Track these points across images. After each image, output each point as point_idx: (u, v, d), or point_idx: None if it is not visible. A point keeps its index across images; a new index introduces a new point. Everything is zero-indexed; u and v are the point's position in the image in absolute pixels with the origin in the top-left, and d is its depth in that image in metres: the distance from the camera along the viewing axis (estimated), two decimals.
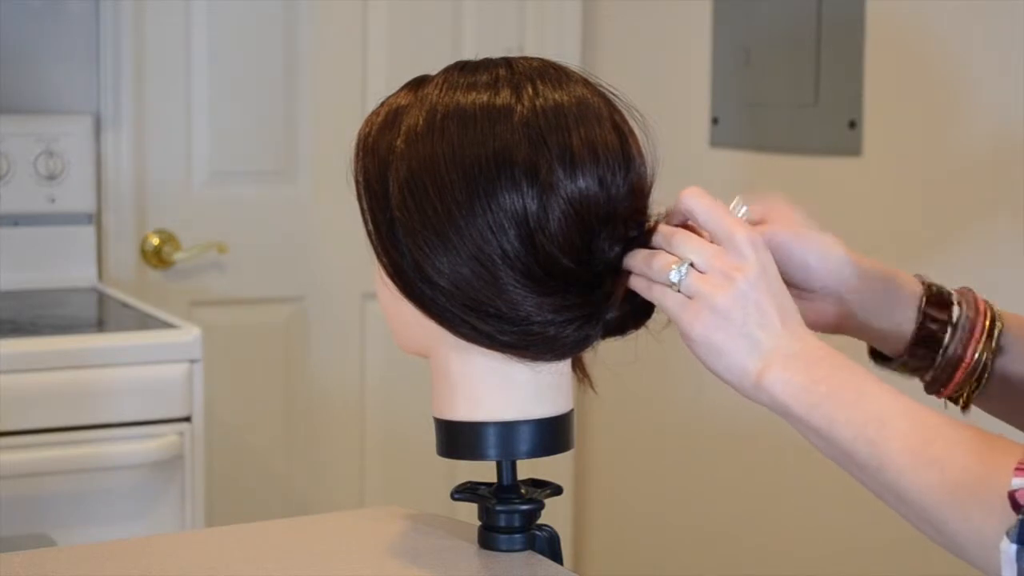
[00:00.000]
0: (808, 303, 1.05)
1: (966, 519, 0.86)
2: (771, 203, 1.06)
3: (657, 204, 1.01)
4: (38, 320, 2.20)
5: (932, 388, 1.10)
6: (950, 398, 1.10)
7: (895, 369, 1.11)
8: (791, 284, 1.01)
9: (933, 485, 0.87)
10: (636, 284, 0.98)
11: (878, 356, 1.12)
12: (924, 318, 1.08)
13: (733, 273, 0.93)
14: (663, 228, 0.97)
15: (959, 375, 1.08)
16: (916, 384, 1.11)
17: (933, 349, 1.08)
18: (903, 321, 1.08)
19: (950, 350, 1.07)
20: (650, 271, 0.96)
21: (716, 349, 0.94)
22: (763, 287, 0.94)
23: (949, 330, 1.07)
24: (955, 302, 1.08)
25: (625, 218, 0.98)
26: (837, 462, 0.94)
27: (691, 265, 0.94)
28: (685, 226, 0.99)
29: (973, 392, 1.09)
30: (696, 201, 0.96)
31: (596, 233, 0.96)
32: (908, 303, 1.08)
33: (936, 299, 1.08)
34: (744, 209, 1.02)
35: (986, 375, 1.08)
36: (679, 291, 0.94)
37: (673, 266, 0.94)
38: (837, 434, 0.91)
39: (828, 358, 0.94)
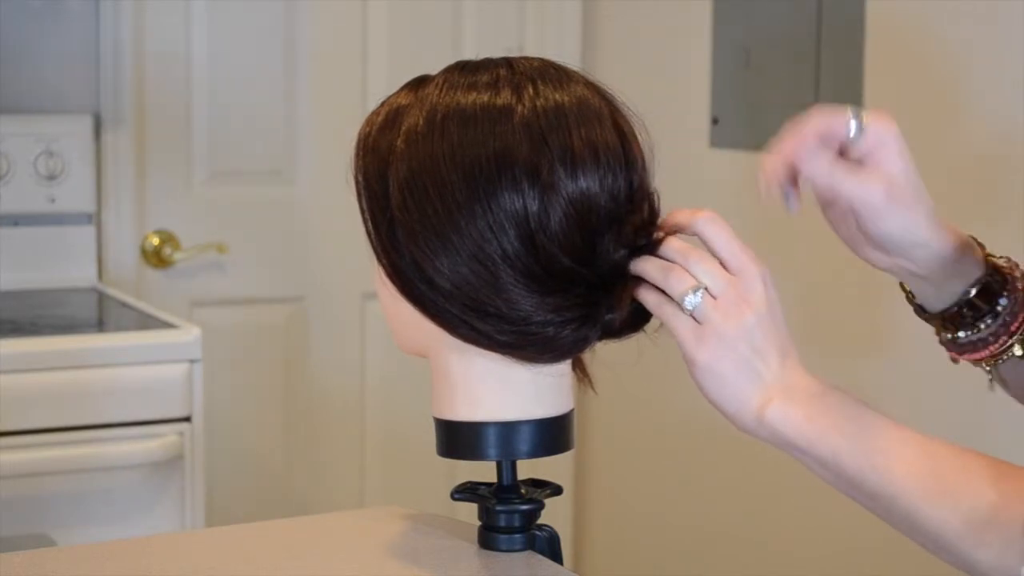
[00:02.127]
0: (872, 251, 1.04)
1: (985, 549, 0.86)
2: (879, 142, 1.02)
3: (660, 206, 1.01)
4: (38, 320, 2.20)
5: (967, 349, 1.08)
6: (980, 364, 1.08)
7: (931, 321, 1.09)
8: (871, 237, 1.01)
9: (947, 515, 0.88)
10: (646, 298, 0.97)
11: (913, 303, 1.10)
12: (981, 290, 1.06)
13: (743, 305, 0.94)
14: (678, 243, 0.97)
15: (997, 345, 1.06)
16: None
17: (978, 316, 1.06)
18: (954, 286, 1.06)
19: (999, 320, 1.06)
20: (665, 287, 0.96)
21: (719, 377, 0.94)
22: (768, 323, 0.94)
23: (1003, 301, 1.05)
24: (1014, 276, 1.07)
25: (629, 220, 0.97)
26: (844, 492, 0.95)
27: (705, 290, 0.94)
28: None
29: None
30: (713, 229, 0.97)
31: (599, 234, 0.96)
32: (968, 276, 1.06)
33: (993, 273, 1.07)
34: (855, 124, 1.00)
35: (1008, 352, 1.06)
36: (691, 315, 0.95)
37: (690, 290, 0.94)
38: (843, 465, 0.92)
39: (828, 393, 0.95)
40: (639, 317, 1.00)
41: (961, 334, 1.08)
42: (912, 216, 1.01)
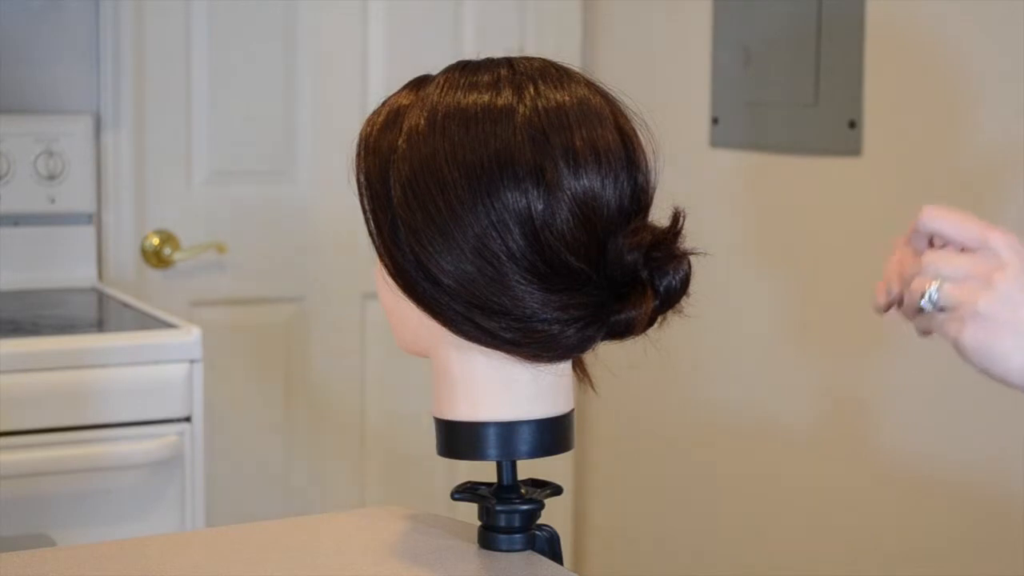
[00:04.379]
0: None
1: None
2: None
3: (660, 206, 1.01)
4: (38, 320, 2.20)
5: None
6: None
7: None
8: None
9: None
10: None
11: None
12: None
13: (992, 276, 0.94)
14: (915, 259, 0.97)
15: None
16: None
17: None
18: None
19: None
20: (908, 300, 0.96)
21: (991, 354, 0.94)
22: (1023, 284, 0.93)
23: None
24: None
25: (641, 223, 0.97)
26: None
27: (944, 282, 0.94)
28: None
29: None
30: (940, 219, 0.97)
31: (608, 234, 0.96)
32: None
33: None
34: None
35: None
36: (938, 311, 0.95)
37: (921, 293, 0.95)
38: None
39: None
40: (647, 321, 1.00)
41: None
42: None
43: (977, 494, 2.08)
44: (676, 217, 0.99)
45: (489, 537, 1.04)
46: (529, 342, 0.97)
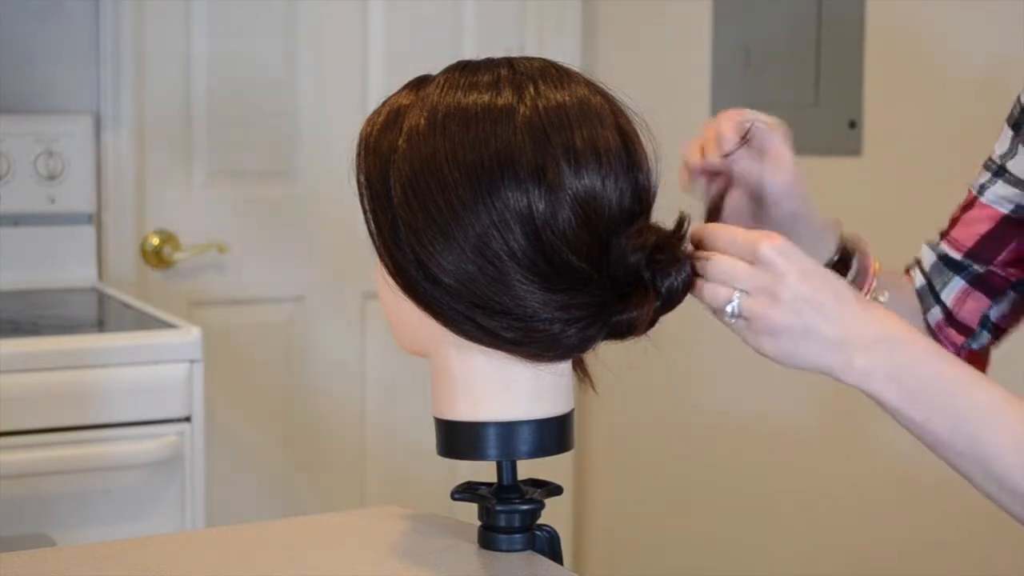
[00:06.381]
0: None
1: None
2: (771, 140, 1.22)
3: (660, 206, 1.01)
4: (38, 320, 2.19)
5: None
6: None
7: None
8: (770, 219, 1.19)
9: None
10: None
11: None
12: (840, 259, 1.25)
13: (775, 290, 0.96)
14: (698, 254, 1.00)
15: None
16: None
17: None
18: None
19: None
20: (706, 303, 0.99)
21: (794, 359, 0.98)
22: (807, 289, 0.97)
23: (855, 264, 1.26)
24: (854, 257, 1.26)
25: (645, 223, 0.98)
26: (930, 448, 0.97)
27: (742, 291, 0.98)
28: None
29: None
30: (714, 237, 1.00)
31: (611, 234, 0.96)
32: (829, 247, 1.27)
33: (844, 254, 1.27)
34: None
35: None
36: (739, 319, 0.98)
37: (725, 302, 0.98)
38: (934, 427, 0.95)
39: (906, 341, 0.97)
40: (648, 321, 1.00)
41: None
42: (803, 196, 1.24)
43: (977, 493, 2.08)
44: (681, 221, 0.99)
45: (489, 537, 1.04)
46: (530, 341, 0.97)
